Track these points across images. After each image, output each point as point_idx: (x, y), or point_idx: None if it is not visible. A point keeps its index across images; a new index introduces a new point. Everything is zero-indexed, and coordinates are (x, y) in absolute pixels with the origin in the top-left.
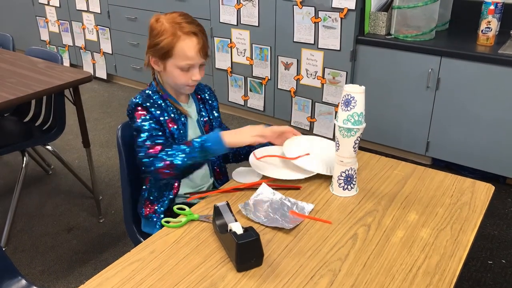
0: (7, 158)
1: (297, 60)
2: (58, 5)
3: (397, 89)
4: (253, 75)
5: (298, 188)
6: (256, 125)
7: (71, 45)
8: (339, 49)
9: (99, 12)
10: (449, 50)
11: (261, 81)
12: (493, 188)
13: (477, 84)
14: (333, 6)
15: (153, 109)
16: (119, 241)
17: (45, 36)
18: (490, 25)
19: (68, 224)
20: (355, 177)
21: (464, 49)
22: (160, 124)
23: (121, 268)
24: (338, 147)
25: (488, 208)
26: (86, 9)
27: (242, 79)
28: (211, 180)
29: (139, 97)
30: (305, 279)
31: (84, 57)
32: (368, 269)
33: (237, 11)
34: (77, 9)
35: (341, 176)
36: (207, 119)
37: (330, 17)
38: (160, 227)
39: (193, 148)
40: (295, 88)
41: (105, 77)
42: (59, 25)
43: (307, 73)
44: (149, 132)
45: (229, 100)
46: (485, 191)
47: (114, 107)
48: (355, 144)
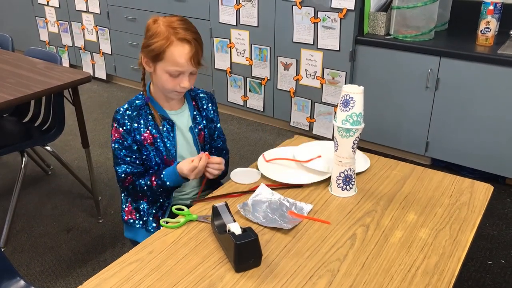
0: (6, 158)
1: (297, 61)
2: (58, 6)
3: (397, 89)
4: (252, 75)
5: (300, 186)
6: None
7: (71, 45)
8: (338, 49)
9: (99, 13)
10: (448, 50)
11: (260, 81)
12: (492, 188)
13: (476, 84)
14: (332, 6)
15: (129, 125)
16: (118, 242)
17: (44, 37)
18: (489, 25)
19: (67, 224)
20: (354, 177)
21: (463, 49)
22: (136, 142)
23: (120, 269)
24: (337, 147)
25: (487, 208)
26: (86, 10)
27: (242, 79)
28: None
29: (120, 112)
30: (303, 279)
31: (84, 57)
32: (367, 269)
33: (236, 11)
34: (76, 9)
35: (339, 176)
36: (202, 127)
37: (329, 18)
38: (144, 233)
39: (156, 186)
40: (294, 88)
41: (104, 77)
42: (58, 26)
43: (306, 74)
44: (121, 159)
45: (228, 100)
46: (484, 191)
47: (113, 107)
48: (354, 144)
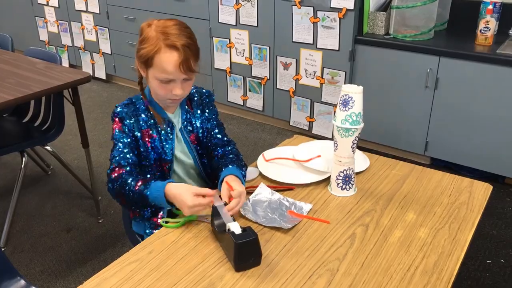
0: (6, 158)
1: (296, 60)
2: (57, 6)
3: (396, 89)
4: (252, 75)
5: (291, 189)
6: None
7: (70, 45)
8: (337, 49)
9: (98, 13)
10: (448, 50)
11: (260, 81)
12: (491, 187)
13: (475, 84)
14: (331, 6)
15: (129, 121)
16: (118, 241)
17: (44, 37)
18: (488, 25)
19: (67, 224)
20: (353, 177)
21: (462, 49)
22: (134, 137)
23: (120, 268)
24: (336, 147)
25: (487, 207)
26: (85, 10)
27: (241, 79)
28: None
29: (120, 107)
30: (303, 278)
31: (83, 57)
32: (366, 268)
33: (236, 11)
34: (76, 9)
35: (339, 176)
36: (194, 127)
37: (328, 17)
38: (148, 231)
39: (137, 193)
40: (294, 88)
41: (104, 77)
42: (58, 26)
43: (306, 73)
44: (120, 151)
45: (228, 100)
46: (483, 190)
47: (113, 107)
48: (354, 144)
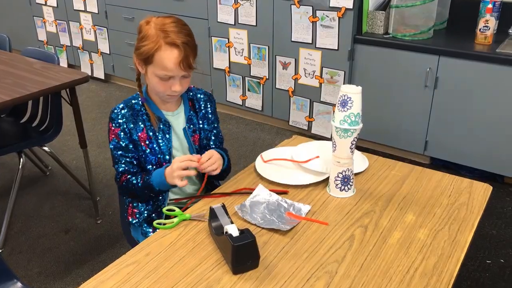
0: (3, 159)
1: (295, 60)
2: (56, 5)
3: (395, 88)
4: (251, 74)
5: (285, 193)
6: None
7: (69, 45)
8: (337, 48)
9: (97, 12)
10: (447, 49)
11: (259, 80)
12: (490, 188)
13: (475, 83)
14: (330, 5)
15: (125, 126)
16: (117, 242)
17: (42, 36)
18: (488, 23)
19: (66, 225)
20: (352, 178)
21: (462, 48)
22: (132, 141)
23: (117, 271)
24: (335, 147)
25: (486, 207)
26: (84, 9)
27: (240, 78)
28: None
29: (115, 113)
30: (301, 281)
31: (82, 57)
32: (365, 271)
33: (234, 10)
34: (74, 9)
35: (338, 177)
36: (197, 128)
37: (328, 16)
38: (143, 233)
39: (142, 185)
40: (293, 87)
41: (103, 77)
42: (56, 25)
43: (305, 73)
44: (118, 158)
45: (227, 100)
46: (483, 191)
47: (111, 107)
48: (352, 144)
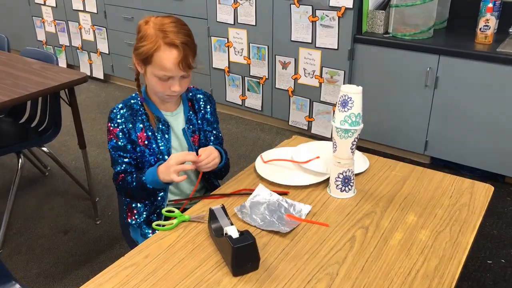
0: (2, 159)
1: (295, 59)
2: (55, 5)
3: (395, 88)
4: (250, 74)
5: (286, 193)
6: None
7: (68, 45)
8: (336, 48)
9: (96, 12)
10: (448, 49)
11: (258, 80)
12: (492, 188)
13: (475, 83)
14: (330, 4)
15: (124, 126)
16: (116, 243)
17: (41, 36)
18: (488, 23)
19: (65, 226)
20: (353, 179)
21: (462, 48)
22: (131, 141)
23: (115, 273)
24: (336, 148)
25: (487, 207)
26: (83, 9)
27: (240, 78)
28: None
29: (114, 113)
30: (302, 283)
31: (81, 57)
32: (366, 272)
33: (234, 10)
34: (73, 9)
35: (338, 177)
36: (196, 129)
37: (327, 16)
38: (143, 234)
39: (137, 185)
40: (293, 87)
41: (102, 77)
42: (55, 25)
43: (304, 72)
44: (116, 158)
45: (226, 100)
46: (484, 191)
47: (111, 107)
48: (353, 145)
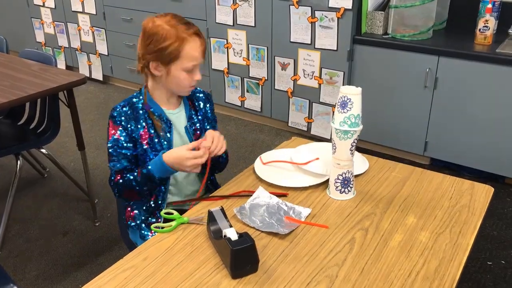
0: (1, 161)
1: (294, 61)
2: (53, 7)
3: (395, 89)
4: (250, 75)
5: (285, 195)
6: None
7: (67, 46)
8: (336, 49)
9: (95, 13)
10: (447, 50)
11: (258, 81)
12: (492, 190)
13: (475, 83)
14: (329, 5)
15: (126, 123)
16: (115, 245)
17: (40, 38)
18: (487, 24)
19: (64, 227)
20: (352, 180)
21: (461, 48)
22: (132, 139)
23: (113, 276)
24: (335, 149)
25: (487, 208)
26: (82, 11)
27: (239, 79)
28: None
29: (117, 111)
30: (301, 285)
31: (80, 58)
32: (366, 274)
33: (233, 11)
34: (72, 10)
35: (338, 179)
36: (197, 127)
37: (326, 17)
38: (142, 236)
39: (141, 178)
40: (292, 88)
41: (101, 78)
42: (54, 27)
43: (304, 74)
44: (116, 155)
45: (226, 101)
46: (484, 193)
47: (110, 108)
48: (352, 146)
